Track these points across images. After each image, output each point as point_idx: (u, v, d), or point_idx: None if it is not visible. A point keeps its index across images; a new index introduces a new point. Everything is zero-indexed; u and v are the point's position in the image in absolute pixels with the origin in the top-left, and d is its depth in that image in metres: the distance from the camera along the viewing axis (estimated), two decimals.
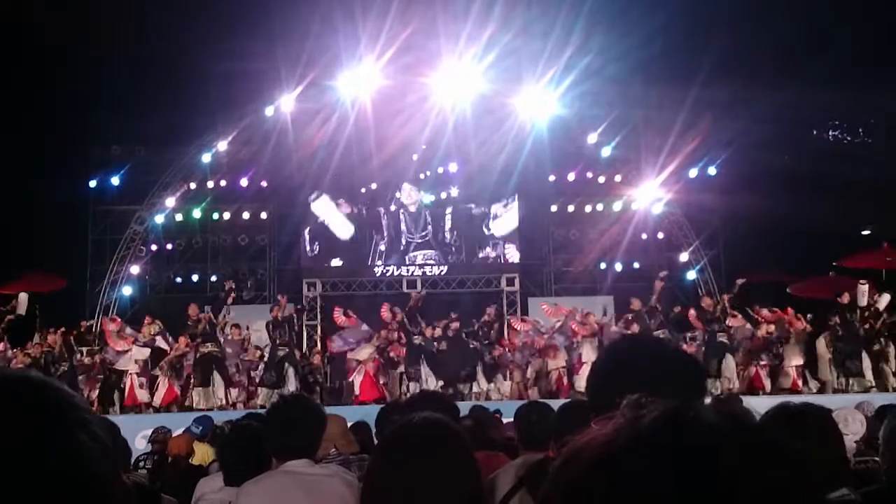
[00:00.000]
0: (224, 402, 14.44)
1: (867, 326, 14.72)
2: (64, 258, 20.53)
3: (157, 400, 14.69)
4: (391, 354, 15.94)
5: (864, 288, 14.89)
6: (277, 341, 14.96)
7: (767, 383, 14.83)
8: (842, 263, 17.20)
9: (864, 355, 14.56)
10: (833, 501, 2.25)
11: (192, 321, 14.85)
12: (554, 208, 22.38)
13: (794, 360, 14.97)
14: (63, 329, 15.34)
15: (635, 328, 14.65)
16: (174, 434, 7.92)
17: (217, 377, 14.53)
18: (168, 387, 14.70)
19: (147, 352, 15.03)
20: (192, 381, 14.73)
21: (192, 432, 7.57)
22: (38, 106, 18.72)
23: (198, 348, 14.56)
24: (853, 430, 4.74)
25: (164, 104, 19.09)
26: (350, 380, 15.55)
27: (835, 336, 14.95)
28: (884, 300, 14.90)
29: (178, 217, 21.58)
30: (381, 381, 15.51)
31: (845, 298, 14.97)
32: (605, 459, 0.78)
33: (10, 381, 0.89)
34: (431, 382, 15.20)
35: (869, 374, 14.46)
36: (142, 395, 14.75)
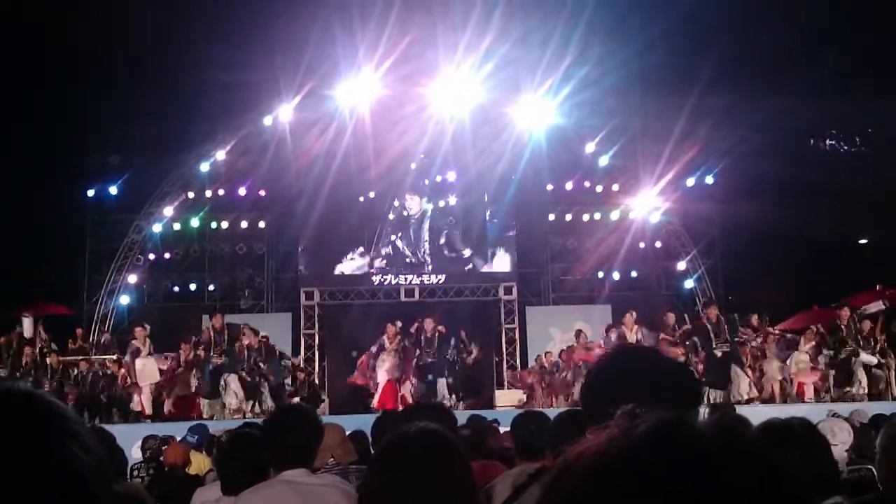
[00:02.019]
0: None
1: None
2: (61, 267, 20.50)
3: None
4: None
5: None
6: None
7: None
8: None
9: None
10: None
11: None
12: (551, 217, 22.39)
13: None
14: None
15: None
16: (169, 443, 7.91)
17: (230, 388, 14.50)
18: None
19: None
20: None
21: (188, 442, 7.56)
22: (35, 115, 18.72)
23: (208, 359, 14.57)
24: (841, 439, 4.78)
25: (163, 113, 19.10)
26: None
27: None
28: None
29: (176, 226, 21.59)
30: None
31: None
32: (599, 470, 0.78)
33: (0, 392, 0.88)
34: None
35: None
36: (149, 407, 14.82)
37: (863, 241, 22.23)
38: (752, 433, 2.26)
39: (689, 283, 22.14)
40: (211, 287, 22.02)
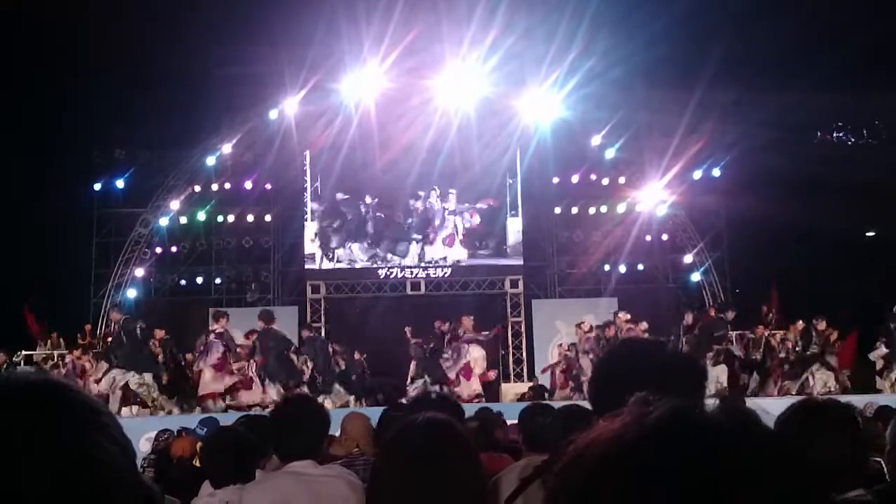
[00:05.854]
0: None
1: None
2: (68, 261, 20.55)
3: None
4: None
5: None
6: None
7: None
8: None
9: None
10: (849, 500, 2.22)
11: None
12: (558, 210, 22.34)
13: None
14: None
15: None
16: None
17: None
18: None
19: None
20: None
21: (197, 434, 7.58)
22: (41, 110, 18.75)
23: None
24: None
25: (169, 107, 19.10)
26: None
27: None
28: None
29: (183, 220, 21.58)
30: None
31: None
32: (612, 456, 0.78)
33: (31, 383, 0.88)
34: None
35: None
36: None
37: (870, 234, 22.17)
38: (785, 412, 2.25)
39: (695, 276, 22.09)
40: (217, 281, 22.04)
